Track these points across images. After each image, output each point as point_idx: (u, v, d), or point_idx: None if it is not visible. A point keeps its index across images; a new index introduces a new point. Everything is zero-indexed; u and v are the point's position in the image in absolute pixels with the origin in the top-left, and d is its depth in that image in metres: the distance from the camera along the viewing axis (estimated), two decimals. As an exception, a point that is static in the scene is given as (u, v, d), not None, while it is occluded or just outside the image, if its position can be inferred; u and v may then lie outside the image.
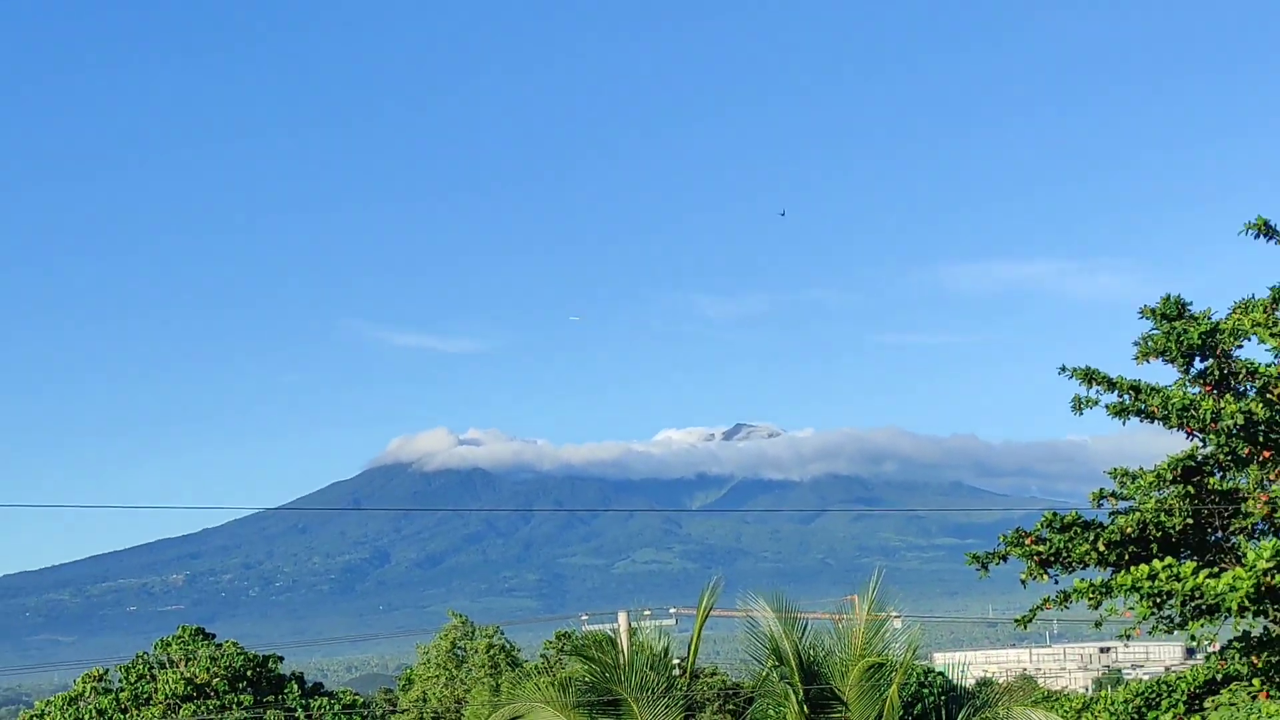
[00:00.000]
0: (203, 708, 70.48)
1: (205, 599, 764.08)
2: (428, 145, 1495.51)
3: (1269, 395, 29.99)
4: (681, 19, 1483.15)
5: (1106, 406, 30.79)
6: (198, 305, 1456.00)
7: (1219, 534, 30.27)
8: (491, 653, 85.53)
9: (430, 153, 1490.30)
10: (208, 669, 71.47)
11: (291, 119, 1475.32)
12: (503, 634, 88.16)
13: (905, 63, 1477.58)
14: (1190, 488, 29.85)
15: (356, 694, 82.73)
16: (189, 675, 71.22)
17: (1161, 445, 31.10)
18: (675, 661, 33.41)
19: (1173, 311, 30.80)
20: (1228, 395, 30.19)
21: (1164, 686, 31.42)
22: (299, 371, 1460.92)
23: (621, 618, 61.67)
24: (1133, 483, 31.10)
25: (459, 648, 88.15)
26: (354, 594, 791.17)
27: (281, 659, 76.01)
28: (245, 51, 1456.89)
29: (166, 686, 70.71)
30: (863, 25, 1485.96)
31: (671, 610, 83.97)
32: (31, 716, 73.53)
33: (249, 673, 72.85)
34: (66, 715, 70.82)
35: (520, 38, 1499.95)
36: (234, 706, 70.63)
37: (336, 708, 74.10)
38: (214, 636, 75.61)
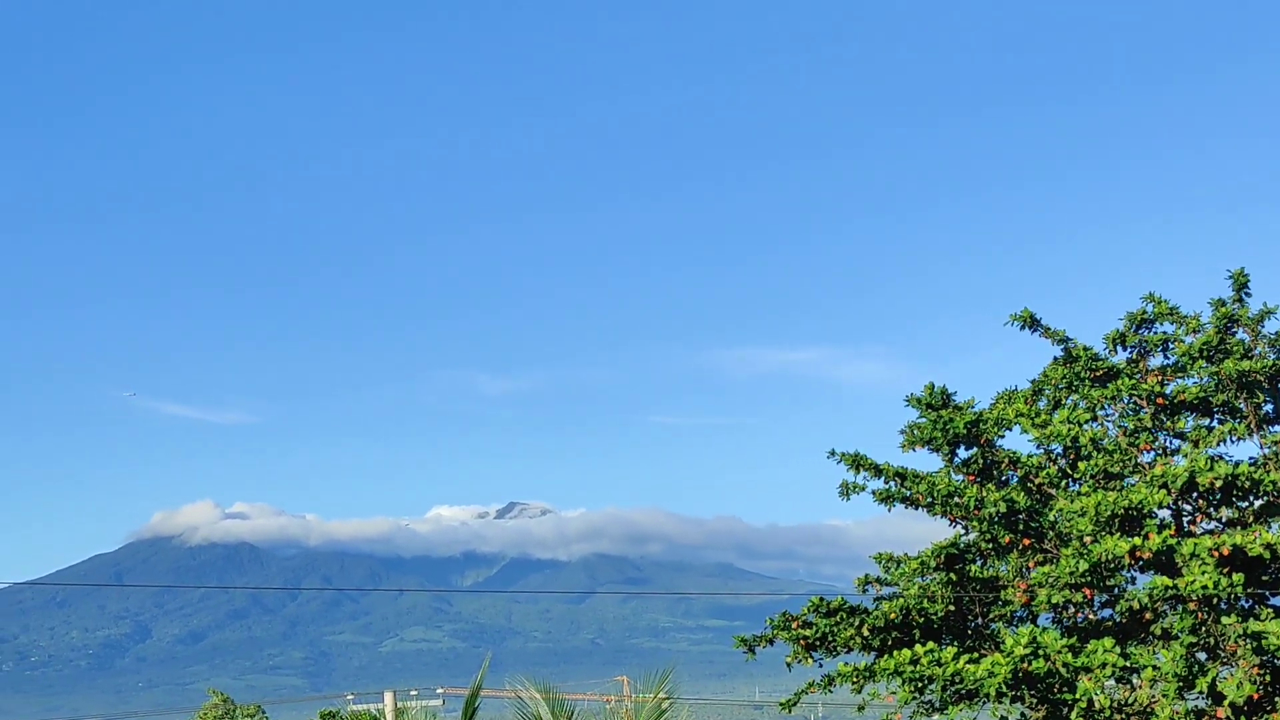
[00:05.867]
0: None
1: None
2: (206, 216, 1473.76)
3: (1030, 484, 30.63)
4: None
5: (873, 492, 31.24)
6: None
7: (979, 620, 30.72)
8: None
9: (200, 223, 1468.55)
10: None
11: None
12: (265, 713, 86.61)
13: (669, 165, 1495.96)
14: (953, 575, 30.29)
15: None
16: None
17: (919, 530, 31.72)
18: (441, 743, 33.07)
19: (937, 401, 31.38)
20: (990, 484, 30.79)
21: (924, 770, 31.72)
22: (59, 440, 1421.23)
23: (388, 698, 60.86)
24: (897, 569, 31.50)
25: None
26: (113, 670, 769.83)
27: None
28: None
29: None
30: (630, 128, 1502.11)
31: (439, 690, 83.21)
32: None
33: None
34: None
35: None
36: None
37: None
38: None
